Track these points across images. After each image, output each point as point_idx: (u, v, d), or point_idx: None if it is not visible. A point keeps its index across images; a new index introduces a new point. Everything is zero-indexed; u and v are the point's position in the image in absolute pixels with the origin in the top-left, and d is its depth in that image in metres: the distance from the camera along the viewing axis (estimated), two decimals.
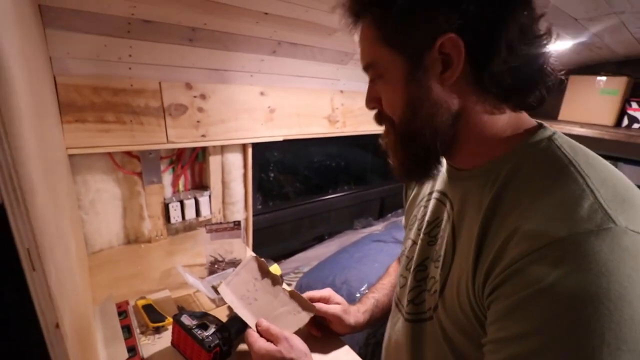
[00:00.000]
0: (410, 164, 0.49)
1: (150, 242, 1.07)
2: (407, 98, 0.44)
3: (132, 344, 0.64)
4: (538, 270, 0.33)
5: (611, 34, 1.34)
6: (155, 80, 0.94)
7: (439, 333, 0.48)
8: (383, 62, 0.45)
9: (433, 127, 0.45)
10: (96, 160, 0.94)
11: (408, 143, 0.47)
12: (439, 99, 0.43)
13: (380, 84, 0.47)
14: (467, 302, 0.43)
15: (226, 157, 1.16)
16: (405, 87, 0.44)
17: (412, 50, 0.42)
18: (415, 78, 0.43)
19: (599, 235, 0.32)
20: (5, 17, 0.31)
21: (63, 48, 0.79)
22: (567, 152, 0.40)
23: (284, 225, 1.61)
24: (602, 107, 1.75)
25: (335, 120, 1.39)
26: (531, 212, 0.37)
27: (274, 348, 0.56)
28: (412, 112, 0.45)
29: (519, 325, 0.34)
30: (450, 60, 0.41)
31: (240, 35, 0.95)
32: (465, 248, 0.45)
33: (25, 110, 0.32)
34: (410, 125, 0.45)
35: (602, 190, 0.35)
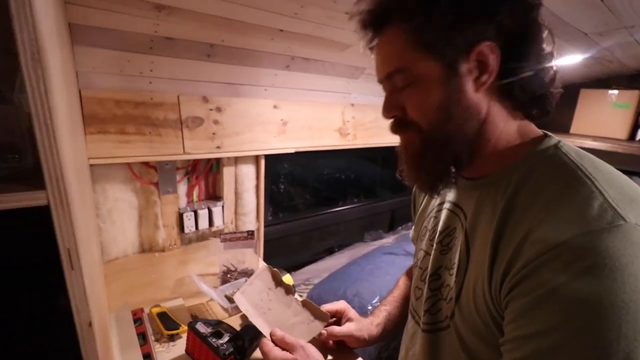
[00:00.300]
0: (435, 172, 0.48)
1: (164, 251, 1.09)
2: (442, 102, 0.45)
3: (147, 351, 0.65)
4: (553, 269, 0.34)
5: (622, 48, 1.34)
6: (174, 94, 0.98)
7: (457, 341, 0.48)
8: (417, 66, 0.45)
9: (464, 133, 0.46)
10: (115, 170, 0.97)
11: (439, 149, 0.47)
12: (471, 104, 0.45)
13: (411, 89, 0.46)
14: (484, 305, 0.43)
15: (239, 169, 1.19)
16: (441, 91, 0.45)
17: (452, 55, 0.44)
18: (452, 82, 0.44)
19: (611, 232, 0.33)
20: (52, 36, 0.34)
21: (89, 63, 0.83)
22: (574, 158, 0.42)
23: (294, 236, 1.61)
24: (614, 121, 1.74)
25: (346, 132, 1.41)
26: (544, 214, 0.38)
27: (290, 357, 0.56)
28: (446, 116, 0.45)
29: (537, 323, 0.35)
30: (486, 67, 0.44)
31: (256, 51, 0.99)
32: (480, 253, 0.45)
33: (64, 121, 0.34)
34: (443, 130, 0.45)
35: (610, 191, 0.37)
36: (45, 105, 0.25)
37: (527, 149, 0.46)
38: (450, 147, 0.46)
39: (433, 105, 0.45)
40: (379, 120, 1.51)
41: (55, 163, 0.26)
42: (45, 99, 0.25)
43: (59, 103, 0.31)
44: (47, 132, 0.25)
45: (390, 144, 1.61)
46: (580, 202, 0.37)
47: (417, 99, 0.47)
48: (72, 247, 0.27)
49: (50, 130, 0.25)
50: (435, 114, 0.45)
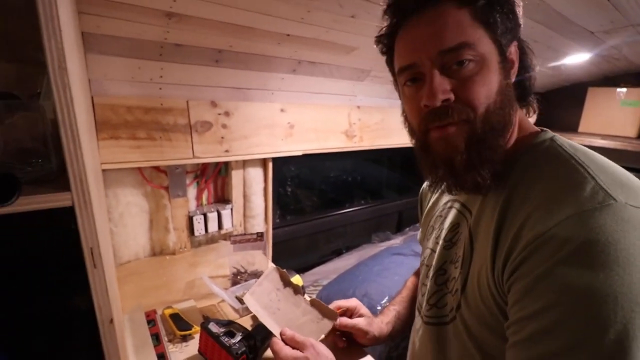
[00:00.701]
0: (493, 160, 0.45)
1: (174, 254, 1.11)
2: (500, 86, 0.45)
3: (161, 351, 0.66)
4: (550, 249, 0.36)
5: (629, 46, 1.33)
6: (183, 99, 1.00)
7: (463, 332, 0.49)
8: (482, 44, 0.44)
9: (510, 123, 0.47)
10: (126, 175, 0.99)
11: (491, 136, 0.45)
12: (512, 95, 0.47)
13: (476, 67, 0.44)
14: (489, 292, 0.44)
15: (247, 172, 1.20)
16: (499, 74, 0.45)
17: (505, 42, 0.46)
18: (506, 68, 0.46)
19: (602, 210, 0.35)
20: (72, 45, 0.35)
21: (101, 71, 0.85)
22: (568, 149, 0.44)
23: (302, 239, 1.62)
24: (623, 119, 1.73)
25: (352, 135, 1.42)
26: (539, 201, 0.40)
27: (300, 355, 0.57)
28: (502, 102, 0.45)
29: (537, 302, 0.36)
30: (513, 63, 0.47)
31: (263, 55, 1.00)
32: (483, 244, 0.47)
33: (84, 126, 0.36)
34: (499, 116, 0.45)
35: (602, 176, 0.39)
36: (70, 112, 0.26)
37: (526, 143, 0.49)
38: (502, 135, 0.46)
39: (494, 87, 0.45)
40: (385, 122, 1.53)
41: (79, 166, 0.27)
42: (70, 105, 0.26)
43: (80, 110, 0.32)
44: (72, 137, 0.26)
45: (396, 146, 1.62)
46: (573, 187, 0.39)
47: (480, 79, 0.44)
48: (94, 246, 0.28)
49: (75, 135, 0.26)
50: (494, 97, 0.45)
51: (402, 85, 0.51)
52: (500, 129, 0.46)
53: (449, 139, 0.46)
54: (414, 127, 0.51)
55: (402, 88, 0.52)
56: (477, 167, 0.45)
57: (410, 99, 0.49)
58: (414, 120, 0.50)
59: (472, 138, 0.45)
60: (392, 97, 1.48)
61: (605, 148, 1.64)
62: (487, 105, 0.44)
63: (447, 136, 0.46)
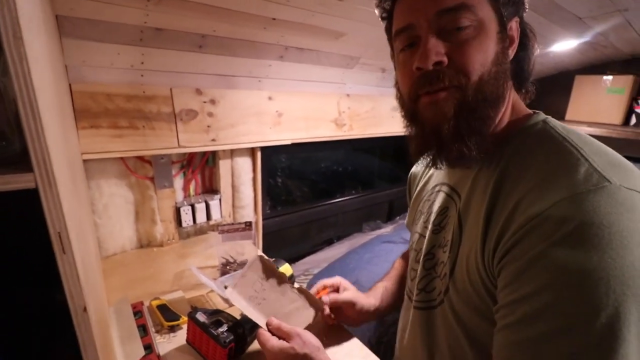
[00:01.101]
0: (482, 131, 0.45)
1: (162, 245, 1.09)
2: (496, 56, 0.44)
3: (148, 342, 0.65)
4: (543, 232, 0.35)
5: (616, 32, 1.34)
6: (167, 87, 0.97)
7: (451, 316, 0.49)
8: (482, 9, 0.43)
9: (502, 96, 0.46)
10: (109, 165, 0.97)
11: (482, 106, 0.44)
12: (508, 70, 0.46)
13: (474, 31, 0.43)
14: (478, 276, 0.44)
15: (236, 161, 1.18)
16: (496, 44, 0.44)
17: (508, 14, 0.45)
18: (504, 40, 0.45)
19: (597, 192, 0.35)
20: (35, 19, 0.33)
21: (78, 56, 0.82)
22: (561, 131, 0.44)
23: (293, 229, 1.61)
24: (609, 106, 1.75)
25: (342, 123, 1.40)
26: (532, 183, 0.40)
27: (287, 345, 0.56)
28: (497, 74, 0.44)
29: (529, 285, 0.36)
30: (512, 40, 0.46)
31: (248, 41, 0.98)
32: (472, 227, 0.46)
33: (51, 107, 0.34)
34: (492, 86, 0.44)
35: (596, 158, 0.38)
36: (29, 85, 0.24)
37: (518, 125, 0.48)
38: (493, 106, 0.45)
39: (489, 55, 0.43)
40: (375, 110, 1.51)
41: (41, 145, 0.25)
42: (28, 78, 0.24)
43: (44, 88, 0.30)
44: (32, 112, 0.24)
45: (387, 134, 1.61)
46: (567, 169, 0.38)
47: (476, 44, 0.43)
48: (62, 231, 0.27)
49: (35, 110, 0.24)
50: (490, 67, 0.43)
51: (398, 52, 0.50)
52: (493, 100, 0.44)
53: (439, 104, 0.45)
54: (404, 95, 0.50)
55: (398, 55, 0.50)
56: (465, 136, 0.44)
57: (403, 64, 0.49)
58: (404, 88, 0.49)
59: (462, 105, 0.44)
60: (382, 85, 1.47)
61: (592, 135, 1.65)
62: (481, 73, 0.43)
63: (436, 101, 0.45)
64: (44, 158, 0.25)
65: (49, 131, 0.27)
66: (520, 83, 0.50)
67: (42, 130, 0.25)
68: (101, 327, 0.49)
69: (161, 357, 0.64)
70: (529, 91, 0.52)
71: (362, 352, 0.70)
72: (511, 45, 0.46)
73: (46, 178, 0.25)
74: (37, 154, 0.25)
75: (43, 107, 0.26)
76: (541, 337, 0.34)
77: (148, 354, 0.62)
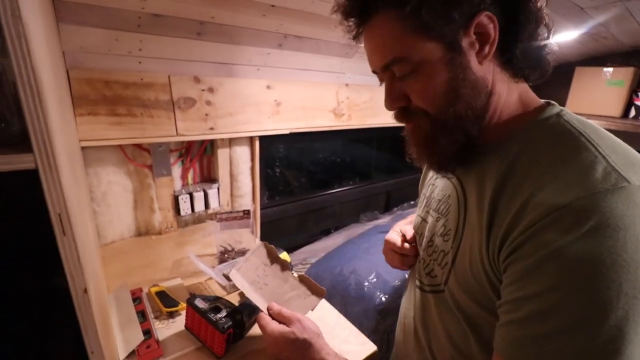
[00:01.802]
0: (448, 153, 0.48)
1: (160, 234, 1.09)
2: (448, 84, 0.44)
3: (147, 327, 0.66)
4: (557, 230, 0.34)
5: (617, 23, 1.33)
6: (165, 74, 0.96)
7: (452, 304, 0.49)
8: (417, 52, 0.43)
9: (473, 109, 0.45)
10: (108, 153, 0.96)
11: (450, 131, 0.46)
12: (478, 79, 0.44)
13: (413, 77, 0.45)
14: (481, 269, 0.43)
15: (234, 150, 1.18)
16: (446, 72, 0.43)
17: (451, 33, 0.42)
18: (456, 61, 0.43)
19: (615, 193, 0.34)
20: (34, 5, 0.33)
21: (76, 42, 0.81)
22: (577, 125, 0.42)
23: (291, 219, 1.62)
24: (608, 99, 1.74)
25: (341, 113, 1.40)
26: (546, 179, 0.38)
27: (287, 329, 0.57)
28: (455, 97, 0.44)
29: (539, 283, 0.35)
30: (487, 37, 0.43)
31: (247, 28, 0.97)
32: (476, 218, 0.46)
33: (50, 90, 0.34)
34: (454, 110, 0.45)
35: (613, 156, 0.37)
36: (28, 65, 0.24)
37: (529, 118, 0.46)
38: (462, 126, 0.46)
39: (439, 89, 0.44)
40: (374, 100, 1.51)
41: (41, 125, 0.25)
42: (28, 58, 0.24)
43: (43, 68, 0.30)
44: (32, 92, 0.24)
45: (386, 125, 1.61)
46: (584, 166, 0.37)
47: (421, 86, 0.45)
48: (62, 212, 0.27)
49: (34, 91, 0.24)
50: (442, 98, 0.44)
51: None
52: (467, 117, 0.45)
53: (413, 133, 0.51)
54: None
55: None
56: (443, 151, 0.48)
57: None
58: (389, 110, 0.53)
59: (433, 129, 0.47)
60: None
61: None
62: (436, 104, 0.46)
63: (411, 131, 0.51)
64: (44, 139, 0.25)
65: (49, 110, 0.27)
66: (520, 70, 0.47)
67: (42, 110, 0.25)
68: (101, 312, 0.50)
69: (160, 342, 0.64)
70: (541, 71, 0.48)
71: (359, 338, 0.71)
72: (485, 45, 0.43)
73: (46, 159, 0.26)
74: (37, 134, 0.25)
75: (43, 86, 0.26)
76: (547, 336, 0.34)
77: (147, 339, 0.63)
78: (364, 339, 0.71)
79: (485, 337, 0.45)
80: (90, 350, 0.32)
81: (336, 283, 1.11)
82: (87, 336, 0.31)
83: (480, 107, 0.45)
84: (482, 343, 0.46)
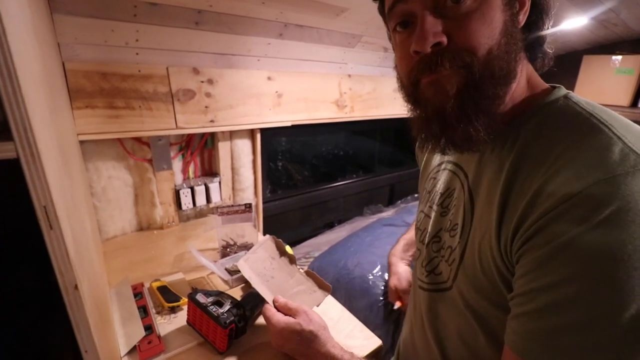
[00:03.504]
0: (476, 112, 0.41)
1: (162, 228, 1.08)
2: (505, 26, 0.40)
3: (149, 323, 0.65)
4: (574, 218, 0.32)
5: (628, 8, 1.29)
6: (163, 66, 0.94)
7: (460, 302, 0.47)
8: None
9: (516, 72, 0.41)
10: (107, 147, 0.95)
11: (490, 83, 0.40)
12: (518, 40, 0.41)
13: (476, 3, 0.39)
14: (492, 263, 0.41)
15: (235, 143, 1.16)
16: (503, 13, 0.40)
17: None
18: (511, 7, 0.40)
19: (635, 175, 0.32)
20: None
21: (71, 34, 0.79)
22: (586, 107, 0.40)
23: (294, 212, 1.61)
24: (617, 87, 1.70)
25: (343, 105, 1.37)
26: (560, 164, 0.36)
27: (293, 320, 0.56)
28: (507, 45, 0.40)
29: (554, 274, 0.33)
30: (522, 4, 0.41)
31: (246, 17, 0.94)
32: (485, 210, 0.43)
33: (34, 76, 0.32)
34: (503, 61, 0.40)
35: (629, 137, 0.35)
36: (5, 48, 0.22)
37: (536, 101, 0.43)
38: (505, 82, 0.41)
39: (497, 26, 0.39)
40: (377, 91, 1.48)
41: (21, 113, 0.23)
42: (4, 39, 0.22)
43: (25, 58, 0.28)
44: (9, 76, 0.23)
45: (389, 116, 1.58)
46: (599, 148, 0.35)
47: (482, 17, 0.39)
48: (48, 205, 0.25)
49: (12, 75, 0.23)
50: (499, 39, 0.40)
51: (393, 30, 0.46)
52: (502, 77, 0.40)
53: (441, 82, 0.41)
54: (404, 78, 0.46)
55: (393, 34, 0.47)
56: (471, 117, 0.41)
57: (400, 45, 0.45)
58: (403, 72, 0.46)
59: (468, 83, 0.40)
60: (384, 65, 1.43)
61: None
62: (489, 47, 0.39)
63: (438, 80, 0.41)
64: (24, 127, 0.24)
65: (30, 99, 0.25)
66: (533, 51, 0.45)
67: (21, 97, 0.23)
68: (100, 308, 0.49)
69: (162, 337, 0.64)
70: (546, 61, 0.46)
71: (363, 333, 0.70)
72: (522, 10, 0.41)
73: (28, 148, 0.24)
74: (17, 122, 0.23)
75: (22, 74, 0.24)
76: (563, 328, 0.32)
77: (148, 335, 0.62)
78: (369, 333, 0.70)
79: (495, 335, 0.43)
80: (84, 349, 0.30)
81: (340, 277, 1.09)
82: (79, 335, 0.29)
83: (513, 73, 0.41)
84: (492, 341, 0.45)
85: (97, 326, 0.35)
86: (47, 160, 0.26)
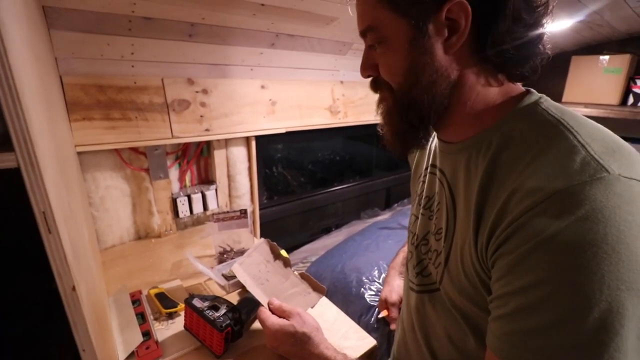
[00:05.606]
0: (403, 133, 0.49)
1: (160, 236, 1.10)
2: (410, 64, 0.43)
3: (147, 329, 0.66)
4: (538, 224, 0.34)
5: (611, 10, 1.32)
6: (158, 77, 0.96)
7: (448, 303, 0.49)
8: (386, 25, 0.44)
9: (431, 95, 0.44)
10: (104, 157, 0.97)
11: (406, 110, 0.46)
12: (441, 67, 0.43)
13: (381, 48, 0.45)
14: (472, 267, 0.43)
15: (230, 151, 1.18)
16: (408, 52, 0.43)
17: (419, 14, 0.41)
18: (420, 43, 0.42)
19: (593, 184, 0.33)
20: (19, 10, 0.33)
21: (67, 48, 0.81)
22: (555, 113, 0.41)
23: (291, 218, 1.62)
24: (606, 87, 1.73)
25: (336, 111, 1.40)
26: (528, 172, 0.37)
27: (286, 323, 0.58)
28: (414, 79, 0.44)
29: (523, 278, 0.35)
30: (457, 26, 0.41)
31: (238, 28, 0.97)
32: (464, 216, 0.45)
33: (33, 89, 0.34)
34: (411, 92, 0.45)
35: (593, 144, 0.36)
36: (5, 64, 0.24)
37: (507, 109, 0.44)
38: (416, 109, 0.46)
39: (400, 67, 0.44)
40: (370, 97, 1.51)
41: (22, 124, 0.25)
42: (4, 56, 0.24)
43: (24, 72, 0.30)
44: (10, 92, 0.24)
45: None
46: (562, 157, 0.36)
47: (385, 60, 0.46)
48: (47, 210, 0.27)
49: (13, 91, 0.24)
50: (403, 77, 0.45)
51: None
52: (409, 105, 0.46)
53: (379, 105, 0.51)
54: None
55: None
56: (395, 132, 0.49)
57: None
58: None
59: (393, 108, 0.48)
60: None
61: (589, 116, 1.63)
62: (397, 82, 0.46)
63: (379, 102, 0.51)
64: (24, 138, 0.25)
65: (29, 112, 0.27)
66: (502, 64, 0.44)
67: (21, 110, 0.25)
68: (98, 313, 0.50)
69: (159, 343, 0.65)
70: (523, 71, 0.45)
71: (358, 334, 0.71)
72: (454, 34, 0.41)
73: (28, 158, 0.26)
74: (17, 133, 0.25)
75: (22, 89, 0.26)
76: (533, 330, 0.34)
77: (146, 340, 0.63)
78: (364, 334, 0.71)
79: (483, 337, 0.45)
80: (82, 348, 0.32)
81: (337, 281, 1.10)
82: (77, 334, 0.31)
83: (441, 95, 0.45)
84: (480, 341, 0.46)
85: (94, 326, 0.37)
86: (46, 169, 0.28)
